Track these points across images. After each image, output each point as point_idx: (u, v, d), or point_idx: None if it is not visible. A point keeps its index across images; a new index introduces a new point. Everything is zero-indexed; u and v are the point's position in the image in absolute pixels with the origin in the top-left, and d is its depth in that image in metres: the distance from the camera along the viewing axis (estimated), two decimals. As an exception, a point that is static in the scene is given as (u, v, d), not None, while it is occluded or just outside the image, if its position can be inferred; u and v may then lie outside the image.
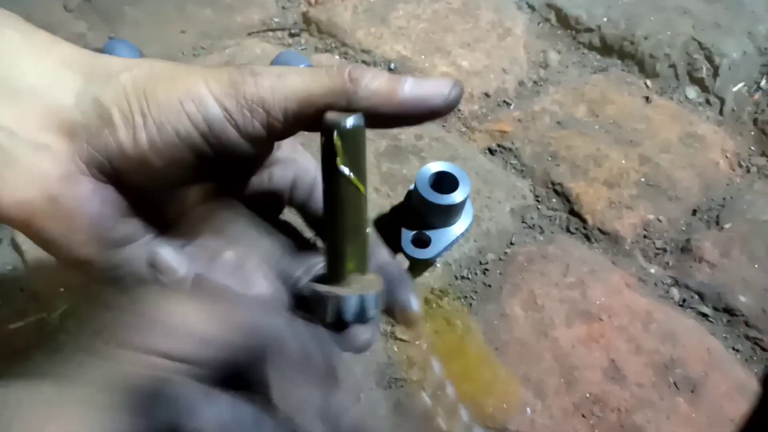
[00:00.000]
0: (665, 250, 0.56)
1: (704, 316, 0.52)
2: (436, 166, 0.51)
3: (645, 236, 0.57)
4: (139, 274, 0.29)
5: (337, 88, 0.26)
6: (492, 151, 0.64)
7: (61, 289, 0.51)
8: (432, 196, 0.49)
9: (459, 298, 0.52)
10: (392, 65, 0.71)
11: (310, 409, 0.24)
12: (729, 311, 0.52)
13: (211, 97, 0.26)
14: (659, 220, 0.58)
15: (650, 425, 0.45)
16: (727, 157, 0.64)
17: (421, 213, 0.51)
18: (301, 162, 0.34)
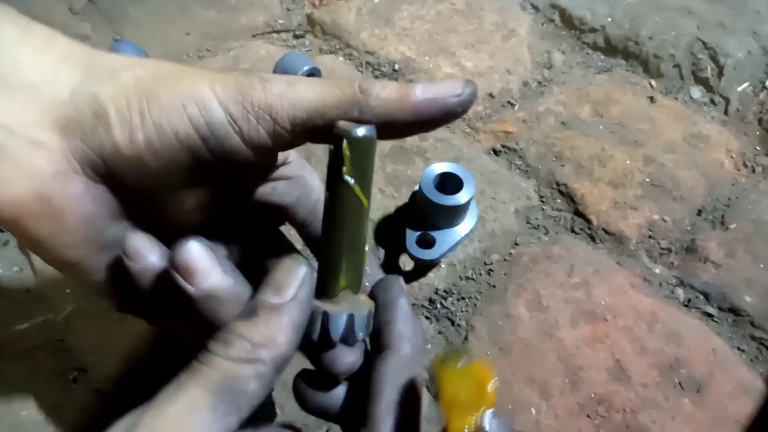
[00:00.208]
0: (670, 251, 0.56)
1: (709, 316, 0.52)
2: (441, 167, 0.51)
3: (650, 236, 0.57)
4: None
5: (348, 98, 0.26)
6: (496, 152, 0.64)
7: (68, 291, 0.52)
8: (437, 197, 0.49)
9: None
10: (396, 66, 0.71)
11: None
12: (734, 311, 0.52)
13: (216, 101, 0.26)
14: (664, 220, 0.58)
15: (655, 425, 0.45)
16: (732, 157, 0.64)
17: (426, 214, 0.51)
18: (307, 180, 0.34)
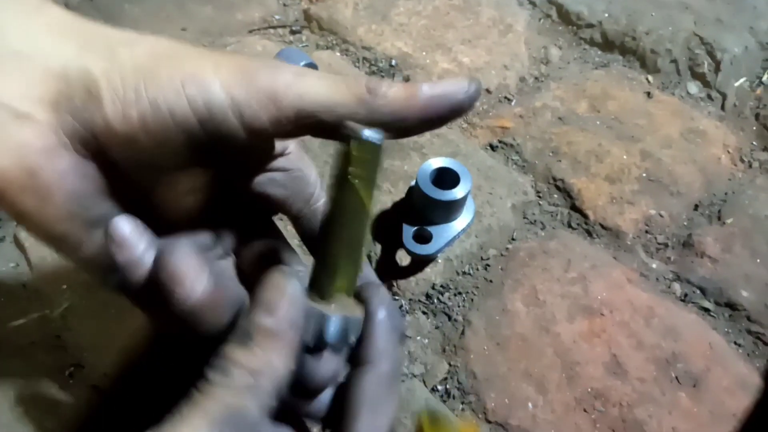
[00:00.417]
0: (667, 246, 0.56)
1: (706, 311, 0.52)
2: (438, 162, 0.51)
3: (646, 231, 0.57)
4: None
5: (357, 96, 0.26)
6: (493, 147, 0.64)
7: (64, 287, 0.52)
8: (433, 192, 0.49)
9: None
10: (393, 62, 0.71)
11: None
12: (731, 306, 0.52)
13: (219, 83, 0.25)
14: (661, 215, 0.58)
15: (652, 420, 0.45)
16: (729, 152, 0.64)
17: (423, 209, 0.51)
18: (305, 173, 0.34)
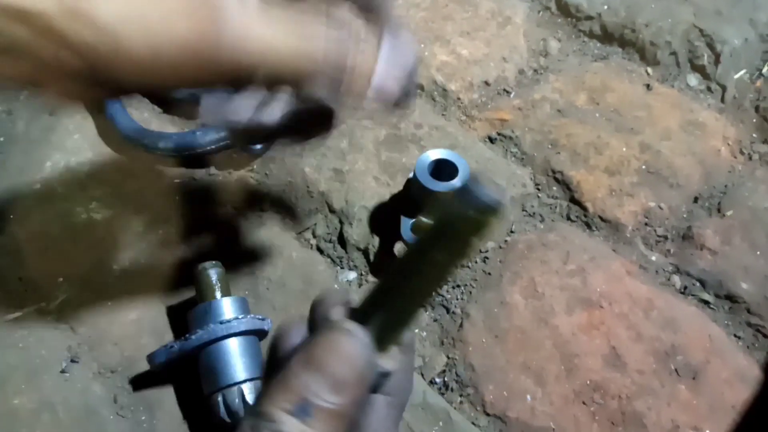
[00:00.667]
0: (666, 238, 0.56)
1: (705, 303, 0.52)
2: (435, 154, 0.51)
3: (646, 224, 0.57)
4: None
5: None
6: (492, 140, 0.64)
7: (60, 279, 0.51)
8: (431, 184, 0.49)
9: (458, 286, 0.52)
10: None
11: None
12: (730, 298, 0.52)
13: None
14: (660, 207, 0.58)
15: (651, 412, 0.45)
16: (729, 144, 0.64)
17: (421, 201, 0.51)
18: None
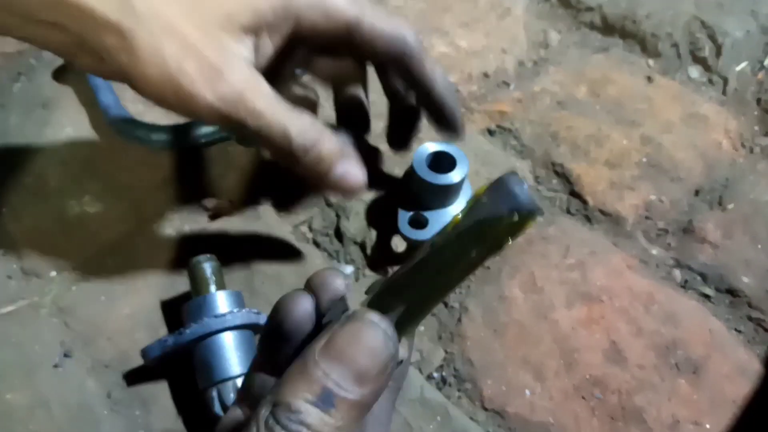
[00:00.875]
0: (667, 231, 0.56)
1: (706, 297, 0.52)
2: (433, 146, 0.50)
3: (646, 217, 0.56)
4: None
5: None
6: (491, 132, 0.63)
7: (53, 274, 0.51)
8: (429, 176, 0.48)
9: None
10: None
11: None
12: (731, 292, 0.52)
13: None
14: (661, 200, 0.57)
15: (651, 407, 0.45)
16: (730, 137, 0.63)
17: (419, 194, 0.50)
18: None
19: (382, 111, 0.51)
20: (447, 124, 0.46)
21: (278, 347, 0.27)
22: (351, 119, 0.46)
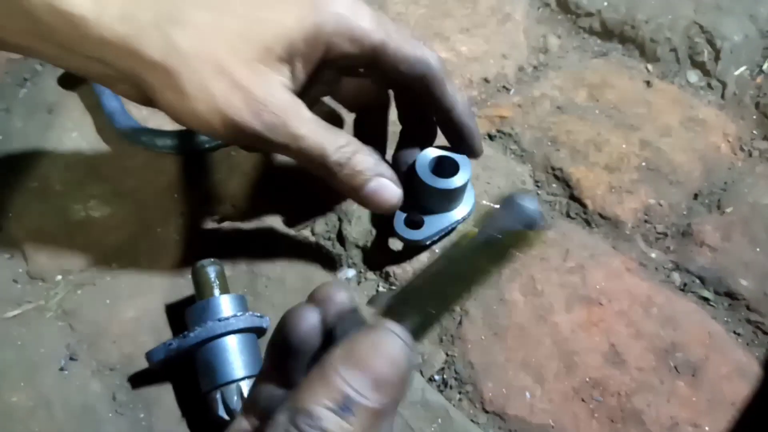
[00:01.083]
0: (666, 235, 0.56)
1: (705, 300, 0.52)
2: (436, 151, 0.51)
3: (646, 221, 0.57)
4: None
5: None
6: (491, 137, 0.63)
7: (59, 277, 0.51)
8: (431, 180, 0.49)
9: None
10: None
11: None
12: (730, 295, 0.52)
13: None
14: (660, 204, 0.58)
15: (650, 409, 0.45)
16: (729, 140, 0.64)
17: (421, 198, 0.51)
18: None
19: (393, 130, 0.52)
20: (466, 145, 0.49)
21: (285, 359, 0.28)
22: (368, 142, 0.47)
